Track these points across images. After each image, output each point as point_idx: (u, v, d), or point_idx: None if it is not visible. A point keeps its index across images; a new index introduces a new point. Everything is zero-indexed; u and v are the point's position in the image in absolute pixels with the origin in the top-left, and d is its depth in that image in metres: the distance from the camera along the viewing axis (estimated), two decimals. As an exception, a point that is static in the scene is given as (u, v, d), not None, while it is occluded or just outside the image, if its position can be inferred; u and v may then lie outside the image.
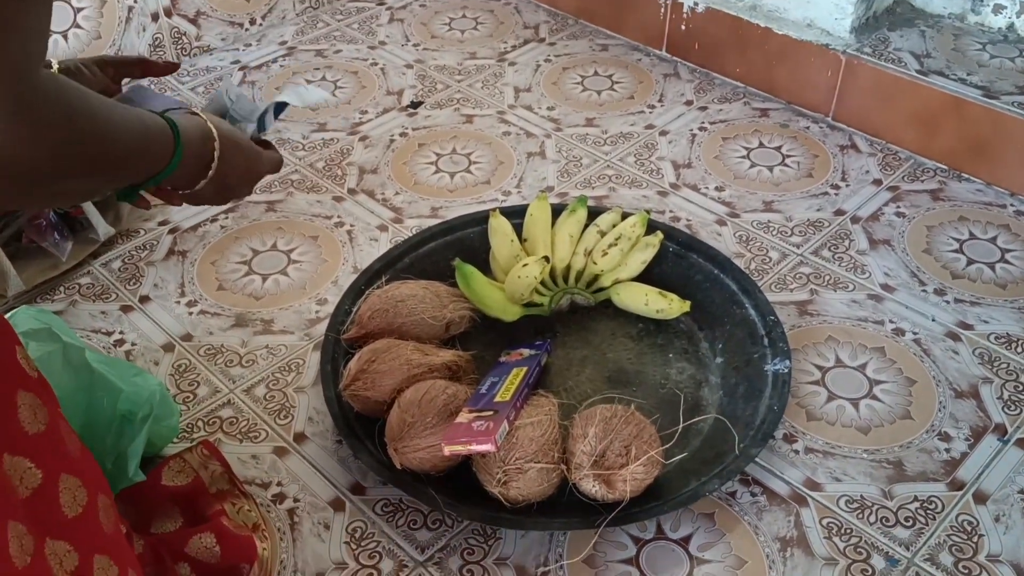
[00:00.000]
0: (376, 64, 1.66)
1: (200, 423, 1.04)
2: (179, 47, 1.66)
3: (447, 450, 0.87)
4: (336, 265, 1.24)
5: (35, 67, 0.56)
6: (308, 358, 1.11)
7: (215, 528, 0.88)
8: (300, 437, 1.02)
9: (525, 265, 1.11)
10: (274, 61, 1.67)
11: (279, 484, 0.98)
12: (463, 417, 0.89)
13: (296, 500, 0.96)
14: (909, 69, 1.40)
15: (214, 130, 0.75)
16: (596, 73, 1.63)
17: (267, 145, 0.86)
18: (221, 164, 0.76)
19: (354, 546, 0.92)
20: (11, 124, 0.54)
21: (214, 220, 1.32)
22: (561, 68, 1.64)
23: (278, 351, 1.13)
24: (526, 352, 1.05)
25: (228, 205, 1.31)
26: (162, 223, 1.31)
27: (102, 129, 0.62)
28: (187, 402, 1.06)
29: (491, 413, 0.89)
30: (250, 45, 1.72)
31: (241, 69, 1.64)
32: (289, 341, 1.14)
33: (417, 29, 1.76)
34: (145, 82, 1.15)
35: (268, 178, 1.39)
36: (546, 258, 1.13)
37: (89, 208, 1.22)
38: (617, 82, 1.60)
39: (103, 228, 1.24)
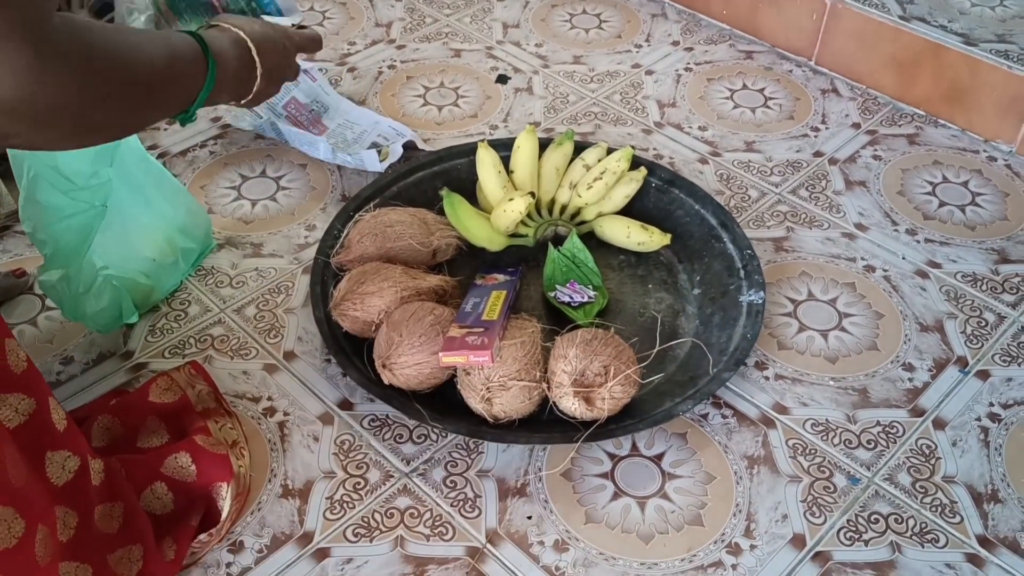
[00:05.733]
0: (365, -4, 1.66)
1: (192, 340, 1.07)
2: (166, -27, 1.65)
3: (444, 360, 0.90)
4: (325, 192, 1.26)
5: (48, 12, 0.57)
6: (297, 281, 1.14)
7: (189, 447, 0.89)
8: (290, 355, 1.05)
9: (511, 200, 1.13)
10: (262, -10, 1.66)
11: (269, 399, 1.01)
12: (455, 332, 0.93)
13: (286, 414, 0.99)
14: (892, 14, 1.42)
15: (241, 33, 0.75)
16: (584, 11, 1.63)
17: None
18: (264, 61, 0.77)
19: (342, 457, 0.96)
20: (36, 72, 0.56)
21: (203, 146, 1.33)
22: (550, 5, 1.65)
23: (267, 273, 1.15)
24: (501, 277, 1.08)
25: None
26: (151, 148, 1.32)
27: (126, 57, 0.63)
28: (178, 320, 1.09)
29: (482, 330, 0.92)
30: (238, -27, 1.71)
31: (229, -3, 1.64)
32: (278, 264, 1.16)
33: (406, -38, 1.75)
34: None
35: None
36: (532, 194, 1.15)
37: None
38: (605, 21, 1.61)
39: (93, 150, 1.25)
